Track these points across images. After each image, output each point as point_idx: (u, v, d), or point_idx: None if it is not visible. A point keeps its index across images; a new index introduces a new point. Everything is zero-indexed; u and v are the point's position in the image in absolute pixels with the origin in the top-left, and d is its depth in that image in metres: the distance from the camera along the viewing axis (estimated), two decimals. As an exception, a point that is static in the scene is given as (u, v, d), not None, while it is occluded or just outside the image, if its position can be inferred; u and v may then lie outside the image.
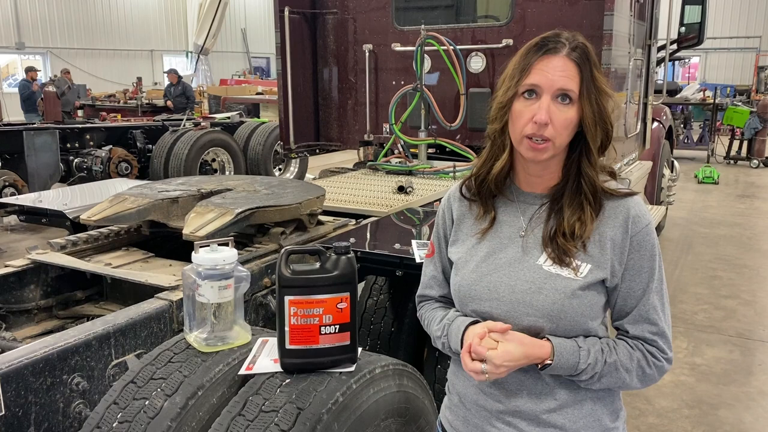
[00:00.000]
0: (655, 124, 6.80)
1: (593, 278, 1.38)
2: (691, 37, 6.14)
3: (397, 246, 2.69)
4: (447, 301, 1.61)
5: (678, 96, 15.52)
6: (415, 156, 4.68)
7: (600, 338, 1.42)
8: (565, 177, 1.43)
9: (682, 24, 6.16)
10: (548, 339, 1.37)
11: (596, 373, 1.37)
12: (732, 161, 13.77)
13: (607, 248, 1.39)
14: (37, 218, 3.86)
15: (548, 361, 1.36)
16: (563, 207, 1.41)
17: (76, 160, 8.89)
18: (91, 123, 10.29)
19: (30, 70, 15.47)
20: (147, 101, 13.89)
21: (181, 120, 10.21)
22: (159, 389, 1.73)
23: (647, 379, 1.42)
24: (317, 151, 5.38)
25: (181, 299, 2.10)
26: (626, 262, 1.39)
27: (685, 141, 14.56)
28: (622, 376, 1.39)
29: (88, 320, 2.45)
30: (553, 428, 1.43)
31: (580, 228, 1.37)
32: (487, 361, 1.34)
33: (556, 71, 1.35)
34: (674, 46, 6.28)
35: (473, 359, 1.36)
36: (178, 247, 2.83)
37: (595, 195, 1.40)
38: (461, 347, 1.42)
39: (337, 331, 1.71)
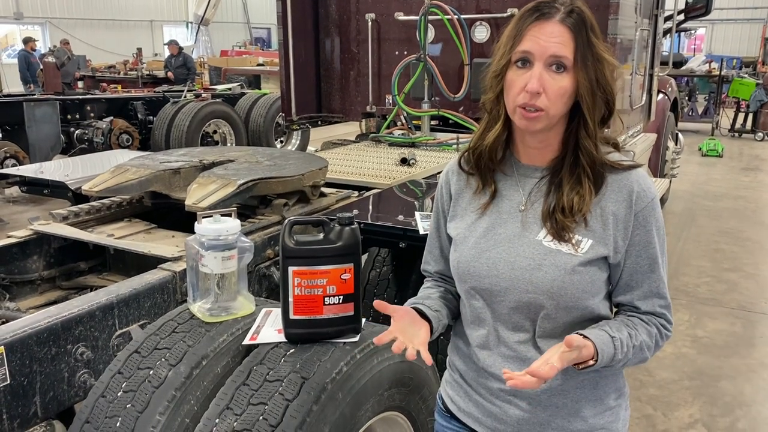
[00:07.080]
0: (661, 96, 6.74)
1: (594, 254, 1.33)
2: (699, 7, 6.04)
3: (400, 218, 2.67)
4: (440, 278, 1.58)
5: (683, 68, 15.37)
6: (418, 128, 4.64)
7: (620, 321, 1.38)
8: (563, 149, 1.38)
9: (689, -6, 6.08)
10: (587, 337, 1.28)
11: (627, 360, 1.34)
12: (737, 134, 13.68)
13: (609, 223, 1.33)
14: (38, 189, 3.85)
15: (591, 362, 1.29)
16: (562, 181, 1.35)
17: (77, 132, 8.85)
18: (92, 94, 10.22)
19: (29, 41, 15.33)
20: (147, 72, 13.79)
21: (182, 91, 10.15)
22: (163, 359, 1.73)
23: (657, 350, 1.41)
24: (319, 122, 5.33)
25: (184, 270, 2.10)
26: (631, 238, 1.34)
27: (690, 113, 14.45)
28: (644, 355, 1.37)
29: (91, 291, 2.45)
30: (555, 408, 1.40)
31: (579, 203, 1.32)
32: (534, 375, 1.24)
33: (549, 37, 1.28)
34: (681, 17, 6.19)
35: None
36: (180, 219, 2.82)
37: (594, 168, 1.34)
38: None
39: (341, 301, 1.71)
